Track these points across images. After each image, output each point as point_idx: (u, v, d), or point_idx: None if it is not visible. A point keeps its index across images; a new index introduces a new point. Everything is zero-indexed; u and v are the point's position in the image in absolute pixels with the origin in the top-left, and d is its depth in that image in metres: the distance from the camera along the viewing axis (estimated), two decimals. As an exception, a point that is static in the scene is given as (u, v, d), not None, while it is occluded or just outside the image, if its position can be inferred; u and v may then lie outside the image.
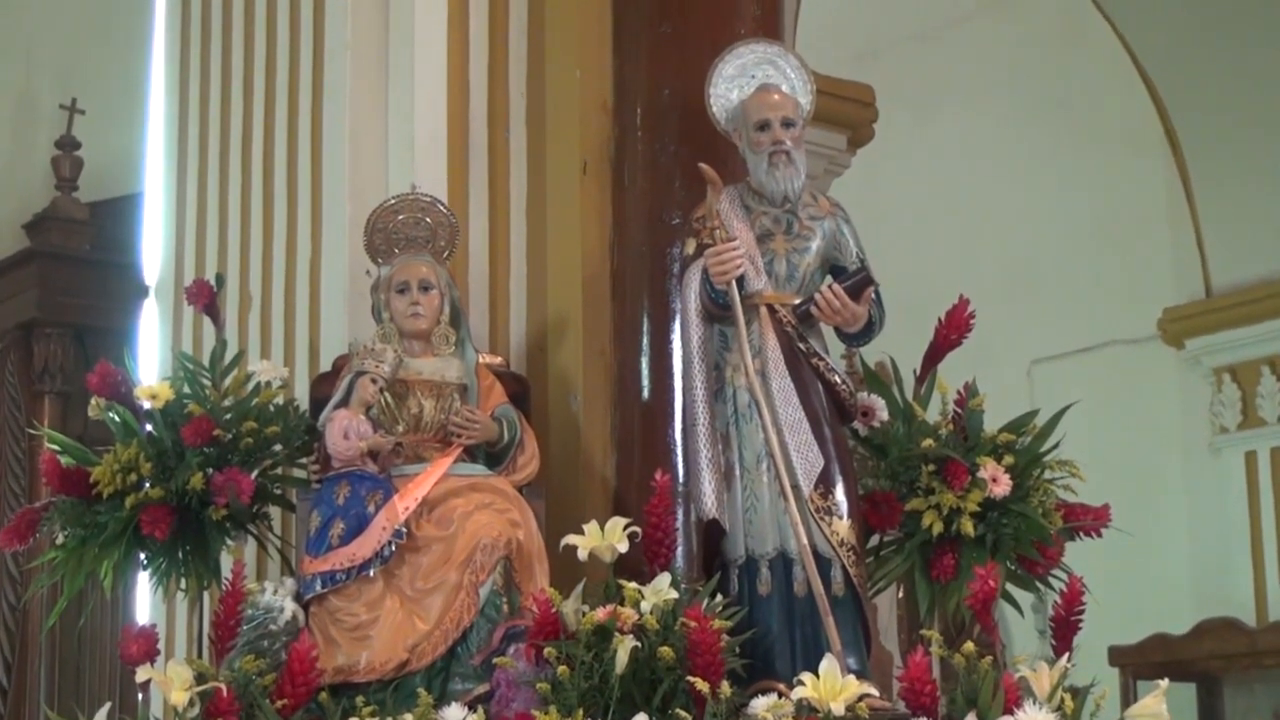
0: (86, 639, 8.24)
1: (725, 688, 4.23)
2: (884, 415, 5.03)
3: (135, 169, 7.94)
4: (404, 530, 4.65)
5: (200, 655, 4.87)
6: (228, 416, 4.97)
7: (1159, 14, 9.89)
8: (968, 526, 4.79)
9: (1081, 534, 5.03)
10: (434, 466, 4.79)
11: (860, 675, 4.39)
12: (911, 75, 10.42)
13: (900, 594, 7.14)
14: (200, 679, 4.36)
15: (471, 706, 4.44)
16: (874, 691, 4.39)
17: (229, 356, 5.22)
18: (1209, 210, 10.01)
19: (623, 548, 4.51)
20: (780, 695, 4.38)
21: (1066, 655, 4.43)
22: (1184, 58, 9.91)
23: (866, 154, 7.67)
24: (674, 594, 4.40)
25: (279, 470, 5.08)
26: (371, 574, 4.62)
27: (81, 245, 8.91)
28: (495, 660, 4.51)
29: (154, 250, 6.36)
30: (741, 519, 4.73)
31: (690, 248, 4.90)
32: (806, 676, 4.23)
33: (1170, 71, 10.01)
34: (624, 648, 4.28)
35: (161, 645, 4.57)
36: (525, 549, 4.74)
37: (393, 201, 5.13)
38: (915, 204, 10.66)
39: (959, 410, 5.01)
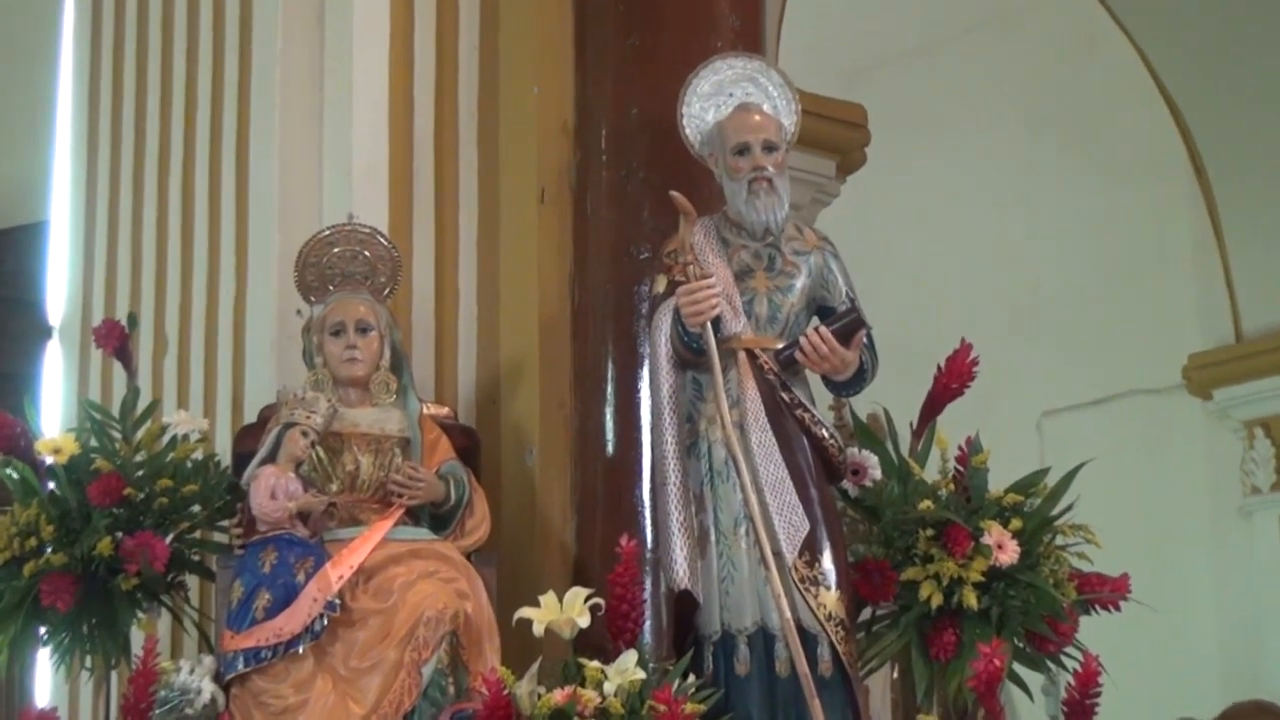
0: (-21, 724, 8.19)
1: (698, 780, 4.23)
2: (877, 474, 5.03)
3: (39, 195, 7.91)
4: (337, 602, 4.63)
5: (107, 743, 4.86)
6: (140, 474, 4.95)
7: (1182, 25, 9.92)
8: (970, 598, 4.79)
9: (1098, 607, 5.03)
10: (372, 530, 4.78)
11: (850, 766, 4.39)
12: (907, 94, 10.45)
13: (895, 674, 7.13)
14: (107, 770, 4.34)
15: (414, 800, 4.43)
16: (865, 784, 4.38)
17: (142, 406, 5.20)
18: (1239, 245, 10.04)
19: (583, 622, 4.50)
20: (760, 788, 4.37)
21: (1081, 743, 4.44)
22: (1210, 74, 9.95)
23: (857, 181, 7.68)
24: (641, 674, 4.39)
25: (197, 534, 5.06)
26: (301, 651, 4.60)
27: (-22, 280, 8.90)
28: (440, 749, 4.50)
29: (59, 286, 6.35)
30: (717, 590, 4.73)
31: (660, 285, 4.91)
32: (790, 767, 4.23)
33: (1195, 90, 10.05)
34: (585, 734, 4.27)
35: (64, 732, 4.54)
36: (474, 623, 4.73)
37: (327, 233, 5.12)
38: (912, 237, 10.68)
39: (960, 468, 5.02)
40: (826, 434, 4.84)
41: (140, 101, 6.11)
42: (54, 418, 6.01)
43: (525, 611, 4.55)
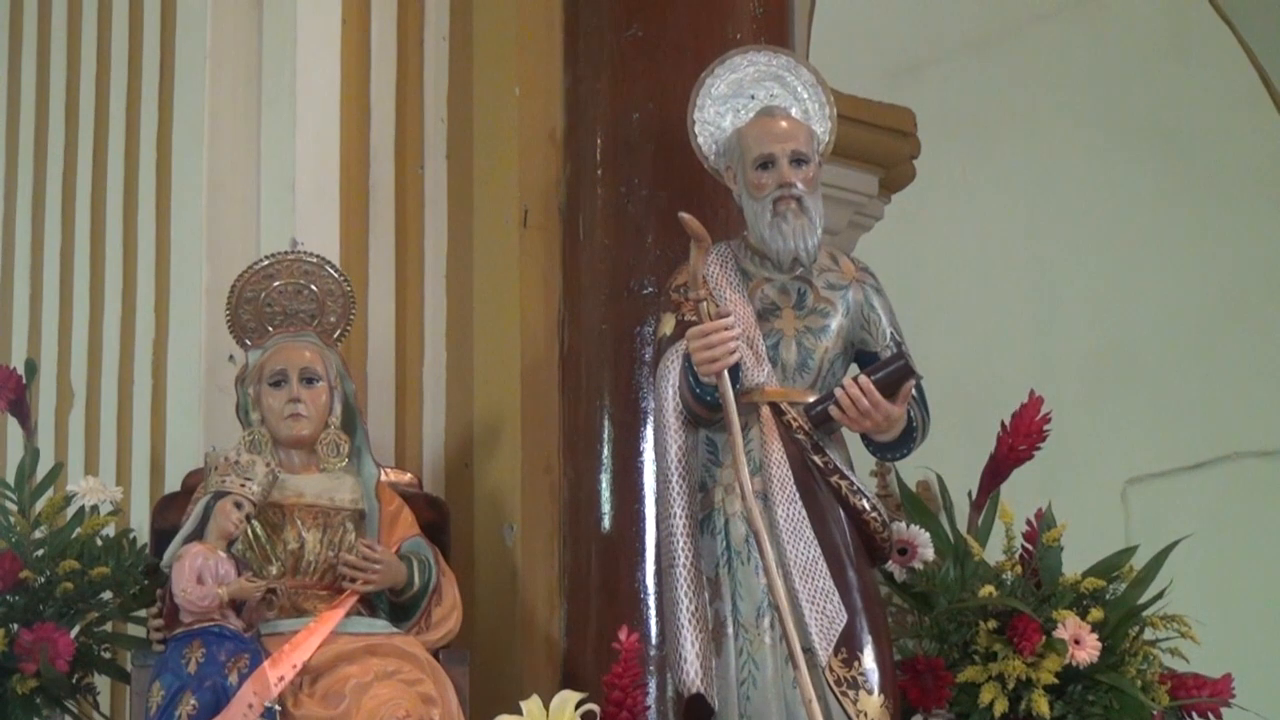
0: None
1: None
2: (929, 553, 5.03)
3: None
4: (277, 709, 4.62)
5: None
6: (40, 553, 4.95)
7: (1296, 15, 9.95)
8: (1041, 704, 4.80)
9: (1195, 715, 5.03)
10: (319, 622, 4.78)
11: None
12: (965, 96, 10.46)
13: (951, 796, 7.13)
14: None
15: None
16: None
17: (42, 471, 5.20)
18: (1369, 279, 10.06)
19: (575, 732, 4.50)
20: None
21: None
22: (1330, 75, 9.98)
23: (905, 200, 7.70)
24: (644, 796, 4.40)
25: (108, 626, 5.06)
26: (233, 768, 4.60)
27: None
28: None
29: (-58, 329, 6.37)
30: (736, 694, 4.72)
31: (667, 327, 4.91)
32: None
33: (1312, 93, 10.07)
34: None
35: None
36: (442, 734, 4.73)
37: (265, 263, 5.13)
38: (970, 268, 10.68)
39: (1029, 547, 5.02)
40: (868, 505, 4.84)
41: (41, 106, 6.12)
42: (-64, 486, 6.02)
43: (505, 720, 4.56)
